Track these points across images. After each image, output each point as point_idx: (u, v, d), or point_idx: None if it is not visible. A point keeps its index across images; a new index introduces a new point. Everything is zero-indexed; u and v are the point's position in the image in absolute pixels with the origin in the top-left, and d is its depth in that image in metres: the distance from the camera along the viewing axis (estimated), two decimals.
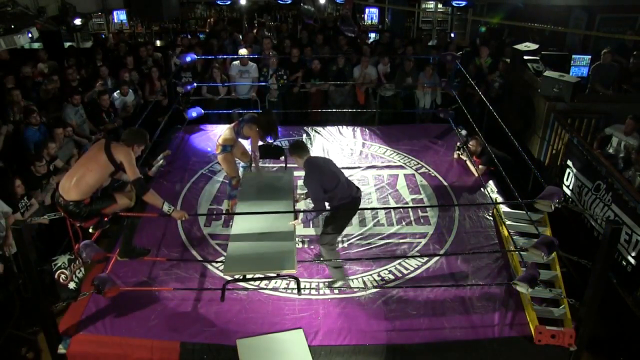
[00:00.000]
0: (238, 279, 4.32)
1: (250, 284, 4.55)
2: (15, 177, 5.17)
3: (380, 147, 7.23)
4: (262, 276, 4.52)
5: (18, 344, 4.70)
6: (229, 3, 13.18)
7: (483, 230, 5.42)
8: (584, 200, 5.71)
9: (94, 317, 4.23)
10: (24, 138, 6.07)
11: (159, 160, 5.59)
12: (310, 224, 5.36)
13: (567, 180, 6.16)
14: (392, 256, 5.00)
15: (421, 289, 4.55)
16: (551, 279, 4.63)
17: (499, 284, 4.59)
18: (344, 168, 6.43)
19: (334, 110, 8.28)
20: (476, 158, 6.51)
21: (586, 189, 5.69)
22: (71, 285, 4.16)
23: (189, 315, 4.31)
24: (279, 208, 4.58)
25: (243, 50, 8.47)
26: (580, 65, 8.52)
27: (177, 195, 6.00)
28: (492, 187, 6.12)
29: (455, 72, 7.71)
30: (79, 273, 4.29)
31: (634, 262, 4.72)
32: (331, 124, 7.84)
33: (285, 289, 4.58)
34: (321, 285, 4.64)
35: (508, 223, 5.25)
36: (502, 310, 4.35)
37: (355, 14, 12.21)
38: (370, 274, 4.80)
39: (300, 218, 4.49)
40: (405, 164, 6.79)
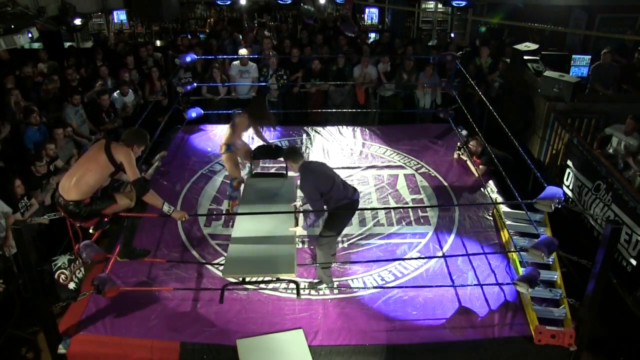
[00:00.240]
0: (238, 282, 4.31)
1: (250, 285, 4.54)
2: (15, 177, 5.16)
3: (380, 147, 7.23)
4: (262, 279, 4.52)
5: (18, 344, 4.69)
6: (229, 3, 13.20)
7: (483, 231, 5.42)
8: (584, 200, 5.71)
9: (94, 317, 4.22)
10: (24, 138, 6.06)
11: (154, 162, 5.57)
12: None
13: (567, 180, 6.16)
14: (392, 259, 4.99)
15: (421, 289, 4.55)
16: (551, 279, 4.63)
17: (499, 284, 4.59)
18: (344, 168, 6.52)
19: (334, 110, 8.27)
20: (476, 158, 6.51)
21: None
22: (71, 285, 4.17)
23: (189, 315, 4.30)
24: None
25: (243, 50, 8.47)
26: (580, 65, 8.51)
27: (177, 195, 6.00)
28: (492, 187, 6.11)
29: (455, 72, 7.70)
30: (79, 273, 4.29)
31: (634, 262, 4.73)
32: (331, 124, 7.84)
33: (285, 289, 4.58)
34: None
35: (508, 223, 5.25)
36: (502, 310, 4.35)
37: (355, 14, 12.20)
38: (371, 274, 4.80)
39: (300, 225, 4.51)
40: (405, 164, 6.78)
